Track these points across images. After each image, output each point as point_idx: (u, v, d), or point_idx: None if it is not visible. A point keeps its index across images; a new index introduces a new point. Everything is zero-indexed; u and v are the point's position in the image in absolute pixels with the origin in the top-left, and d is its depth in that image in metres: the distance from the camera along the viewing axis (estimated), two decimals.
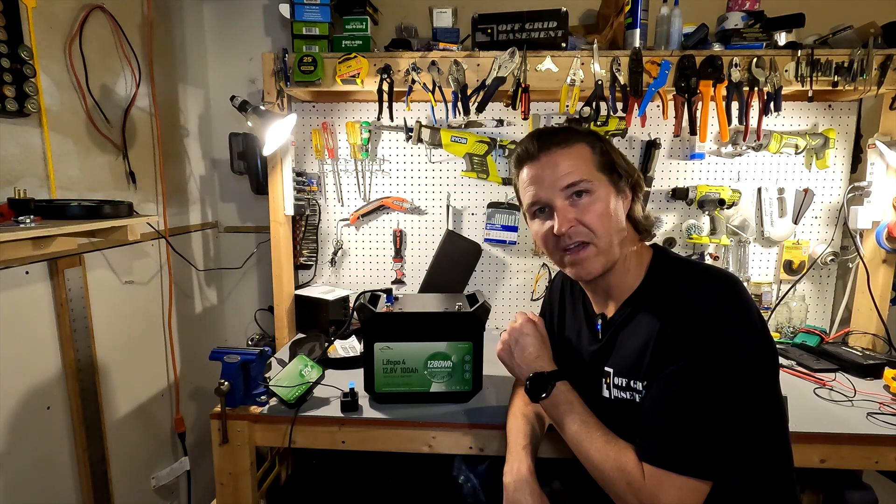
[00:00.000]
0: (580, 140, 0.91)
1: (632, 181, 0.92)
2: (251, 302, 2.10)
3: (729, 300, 0.78)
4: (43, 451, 1.28)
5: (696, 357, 0.76)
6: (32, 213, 1.07)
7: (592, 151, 0.90)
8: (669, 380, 0.78)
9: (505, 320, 1.96)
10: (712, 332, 0.76)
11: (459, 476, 1.31)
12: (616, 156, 0.92)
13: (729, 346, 0.76)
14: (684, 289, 0.82)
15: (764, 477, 0.83)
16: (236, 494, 1.27)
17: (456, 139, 1.76)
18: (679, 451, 0.76)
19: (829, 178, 1.79)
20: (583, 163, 0.89)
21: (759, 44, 1.55)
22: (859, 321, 1.72)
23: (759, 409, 0.79)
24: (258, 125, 1.56)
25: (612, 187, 0.89)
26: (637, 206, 0.92)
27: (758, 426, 0.79)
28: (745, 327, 0.77)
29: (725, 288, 0.80)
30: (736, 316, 0.77)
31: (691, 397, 0.76)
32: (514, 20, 1.54)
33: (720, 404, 0.75)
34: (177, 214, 1.82)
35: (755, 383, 0.77)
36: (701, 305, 0.78)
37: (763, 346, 0.78)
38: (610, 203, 0.88)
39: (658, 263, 0.91)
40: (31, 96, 1.17)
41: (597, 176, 0.89)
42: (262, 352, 1.27)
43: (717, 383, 0.75)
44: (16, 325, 1.20)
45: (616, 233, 0.89)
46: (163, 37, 1.73)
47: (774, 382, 0.83)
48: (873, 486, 1.38)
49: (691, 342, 0.77)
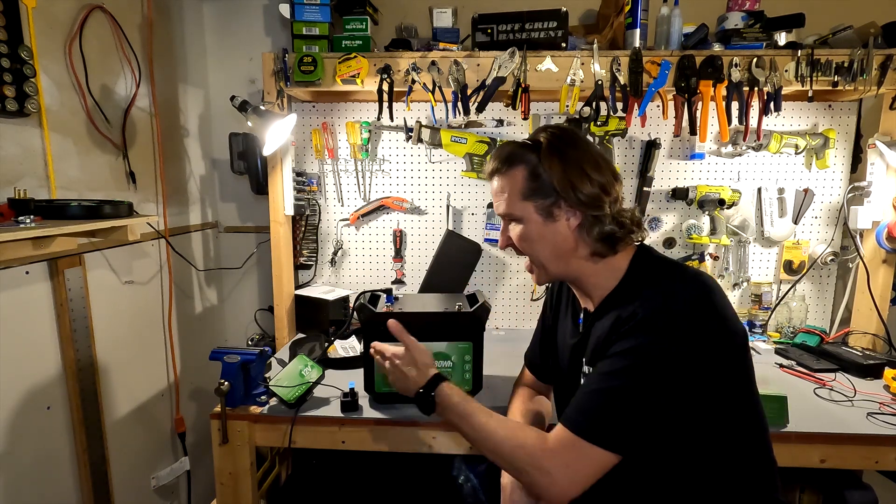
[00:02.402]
0: (520, 163, 0.93)
1: (577, 201, 0.88)
2: (251, 302, 2.10)
3: (674, 303, 0.82)
4: (43, 451, 1.28)
5: (624, 351, 0.81)
6: (32, 213, 1.07)
7: (526, 177, 0.92)
8: (602, 364, 0.85)
9: (505, 320, 1.96)
10: (647, 327, 0.81)
11: (459, 476, 1.31)
12: (557, 175, 0.88)
13: (650, 345, 0.80)
14: (645, 292, 0.86)
15: (728, 475, 0.85)
16: (236, 494, 1.27)
17: (456, 139, 1.76)
18: (588, 420, 0.81)
19: (829, 178, 1.79)
20: (512, 191, 0.93)
21: (759, 44, 1.55)
22: (859, 321, 1.72)
23: (687, 405, 0.81)
24: (258, 125, 1.56)
25: (539, 214, 0.91)
26: (600, 220, 0.89)
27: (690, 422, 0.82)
28: (671, 332, 0.80)
29: (674, 294, 0.83)
30: (664, 322, 0.80)
31: (612, 381, 0.81)
32: (514, 20, 1.54)
33: (631, 389, 0.80)
34: (177, 214, 1.82)
35: (672, 382, 0.79)
36: (644, 308, 0.82)
37: (687, 351, 0.79)
38: (535, 230, 0.92)
39: (636, 265, 0.92)
40: (31, 96, 1.17)
41: (521, 206, 0.93)
42: (262, 352, 1.27)
43: (633, 375, 0.80)
44: (16, 325, 1.20)
45: (547, 254, 0.93)
46: (163, 37, 1.73)
47: (721, 384, 0.82)
48: (873, 486, 1.38)
49: (624, 338, 0.82)
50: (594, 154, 0.92)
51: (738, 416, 0.85)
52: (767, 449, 0.89)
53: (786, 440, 1.16)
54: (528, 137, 0.97)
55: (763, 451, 0.88)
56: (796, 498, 1.45)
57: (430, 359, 1.02)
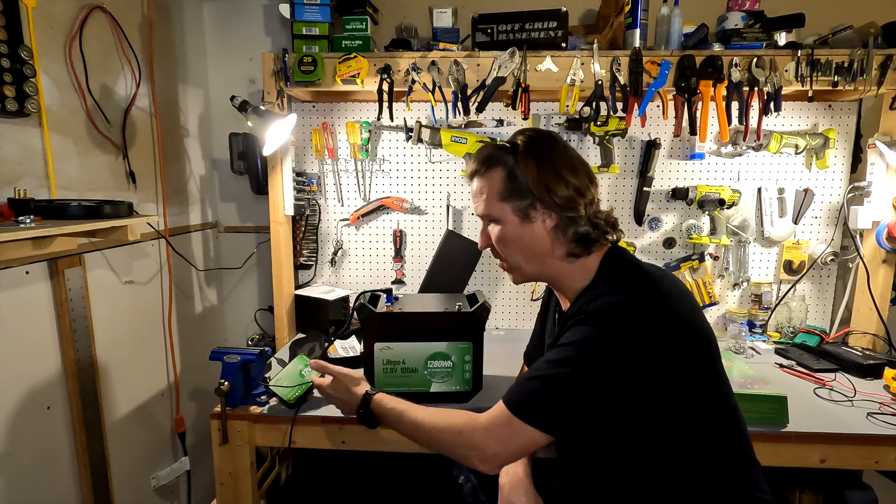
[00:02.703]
0: (498, 164, 0.95)
1: (552, 202, 0.91)
2: (251, 302, 2.10)
3: (620, 296, 0.85)
4: (43, 451, 1.28)
5: (573, 337, 0.85)
6: (32, 213, 1.07)
7: (504, 178, 0.94)
8: (548, 353, 0.89)
9: (505, 320, 1.96)
10: (592, 318, 0.84)
11: (459, 476, 1.31)
12: (533, 177, 0.91)
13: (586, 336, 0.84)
14: (604, 287, 0.89)
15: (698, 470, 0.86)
16: (236, 494, 1.27)
17: (456, 139, 1.76)
18: (525, 400, 0.86)
19: (829, 178, 1.79)
20: (490, 192, 0.96)
21: (759, 44, 1.55)
22: (859, 321, 1.72)
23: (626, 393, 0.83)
24: (258, 125, 1.56)
25: (515, 216, 0.94)
26: (575, 221, 0.92)
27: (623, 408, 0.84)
28: (607, 326, 0.83)
29: (628, 288, 0.87)
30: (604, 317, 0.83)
31: (553, 366, 0.85)
32: (514, 20, 1.54)
33: (569, 375, 0.83)
34: (177, 214, 1.82)
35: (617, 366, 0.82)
36: (599, 298, 0.86)
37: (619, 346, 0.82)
38: (512, 230, 0.95)
39: (605, 266, 0.94)
40: (31, 96, 1.17)
41: (499, 207, 0.95)
42: (262, 352, 1.27)
43: (566, 362, 0.84)
44: (16, 325, 1.20)
45: (524, 255, 0.96)
46: (163, 37, 1.73)
47: (674, 374, 0.84)
48: (873, 486, 1.38)
49: (576, 324, 0.86)
50: (570, 157, 0.95)
51: (705, 415, 0.86)
52: (742, 447, 0.89)
53: (786, 440, 1.17)
54: (507, 140, 1.00)
55: (737, 449, 0.88)
56: (796, 498, 1.45)
57: (358, 379, 1.10)
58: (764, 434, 1.16)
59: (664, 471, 0.86)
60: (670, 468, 0.86)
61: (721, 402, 0.88)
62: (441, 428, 0.94)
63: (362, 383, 1.10)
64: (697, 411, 0.85)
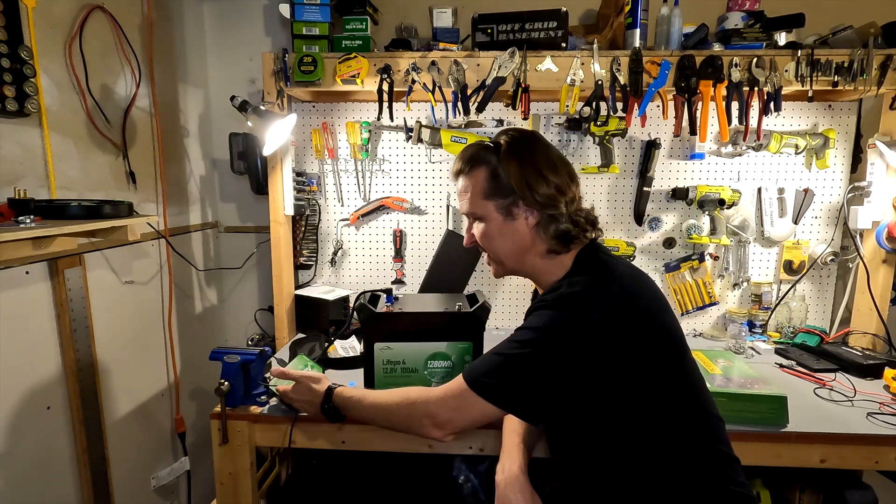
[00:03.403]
0: (482, 164, 0.99)
1: (533, 200, 0.94)
2: (251, 302, 2.10)
3: (581, 285, 0.89)
4: (43, 451, 1.28)
5: (530, 323, 0.91)
6: (32, 213, 1.07)
7: (487, 177, 0.98)
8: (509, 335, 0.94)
9: (505, 320, 1.96)
10: (551, 304, 0.89)
11: (459, 476, 1.31)
12: (514, 176, 0.95)
13: (541, 319, 0.88)
14: (567, 280, 0.94)
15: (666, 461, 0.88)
16: (236, 494, 1.27)
17: (456, 139, 1.76)
18: (481, 375, 0.91)
19: (829, 178, 1.79)
20: (474, 191, 1.00)
21: (759, 44, 1.55)
22: (859, 321, 1.72)
23: (579, 375, 0.86)
24: (258, 125, 1.56)
25: (499, 213, 0.98)
26: (556, 218, 0.95)
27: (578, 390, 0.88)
28: (563, 311, 0.87)
29: (589, 277, 0.91)
30: (562, 302, 0.88)
31: (503, 346, 0.92)
32: (514, 20, 1.54)
33: (523, 355, 0.88)
34: (177, 214, 1.82)
35: (564, 357, 0.86)
36: (559, 289, 0.90)
37: (574, 329, 0.85)
38: (496, 227, 0.99)
39: (578, 262, 0.98)
40: (31, 96, 1.17)
41: (481, 205, 0.99)
42: (262, 352, 1.27)
43: (522, 342, 0.89)
44: (16, 325, 1.20)
45: (506, 251, 1.01)
46: (163, 37, 1.73)
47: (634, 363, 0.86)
48: (873, 486, 1.38)
49: (535, 309, 0.91)
50: (551, 156, 0.98)
51: (669, 408, 0.87)
52: (717, 442, 0.90)
53: (786, 440, 1.16)
54: (491, 139, 1.02)
55: (709, 443, 0.89)
56: (796, 498, 1.45)
57: (319, 378, 1.15)
58: (764, 434, 1.16)
59: (637, 464, 0.88)
60: (641, 461, 0.87)
61: (689, 395, 0.90)
62: (397, 402, 0.99)
63: (324, 381, 1.14)
64: (660, 404, 0.87)
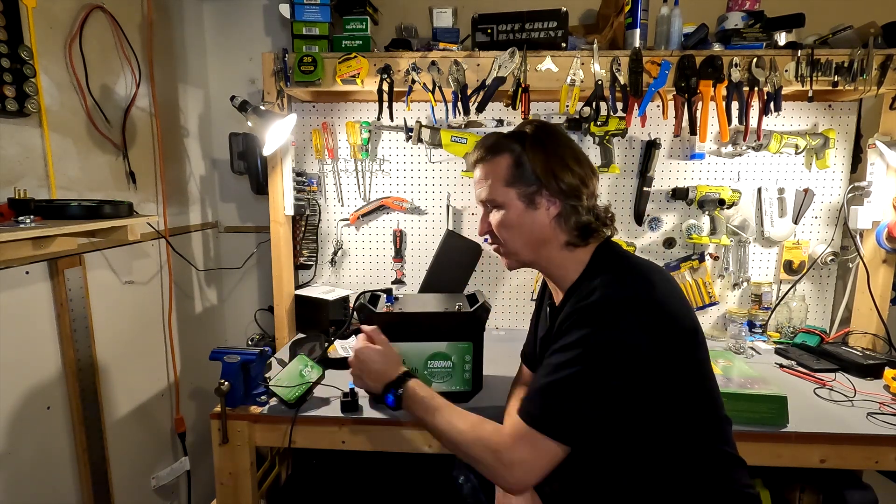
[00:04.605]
0: (505, 150, 0.97)
1: (558, 189, 0.93)
2: (251, 302, 2.10)
3: (614, 292, 0.85)
4: (43, 451, 1.28)
5: (572, 338, 0.84)
6: (32, 213, 1.07)
7: (511, 164, 0.96)
8: (551, 355, 0.87)
9: (505, 320, 1.96)
10: (587, 318, 0.84)
11: (459, 476, 1.31)
12: (540, 164, 0.93)
13: (598, 331, 0.83)
14: (594, 280, 0.89)
15: (678, 462, 0.87)
16: (236, 494, 1.27)
17: (456, 139, 1.76)
18: (538, 408, 0.85)
19: (829, 178, 1.79)
20: (495, 178, 0.97)
21: (759, 44, 1.55)
22: (859, 321, 1.72)
23: (636, 392, 0.83)
24: (258, 125, 1.56)
25: (520, 201, 0.95)
26: (578, 210, 0.94)
27: (640, 409, 0.84)
28: (619, 317, 0.83)
29: (620, 281, 0.87)
30: (612, 306, 0.84)
31: (561, 369, 0.84)
32: (514, 20, 1.54)
33: (581, 379, 0.82)
34: (177, 214, 1.82)
35: (623, 368, 0.82)
36: (591, 295, 0.86)
37: (636, 336, 0.82)
38: (516, 216, 0.96)
39: (595, 258, 0.96)
40: (31, 96, 1.17)
41: (503, 192, 0.96)
42: (262, 352, 1.27)
43: (582, 362, 0.82)
44: (16, 325, 1.20)
45: (524, 241, 0.97)
46: (163, 37, 1.73)
47: (670, 372, 0.85)
48: (873, 486, 1.38)
49: (572, 325, 0.86)
50: (575, 148, 0.98)
51: (689, 409, 0.87)
52: (726, 442, 0.90)
53: (786, 440, 1.17)
54: (512, 130, 1.01)
55: (720, 443, 0.89)
56: (796, 498, 1.45)
57: (400, 360, 1.10)
58: (764, 434, 1.16)
59: (643, 465, 0.87)
60: (647, 462, 0.87)
61: (704, 396, 0.90)
62: (473, 437, 0.91)
63: (402, 365, 1.10)
64: (683, 405, 0.87)
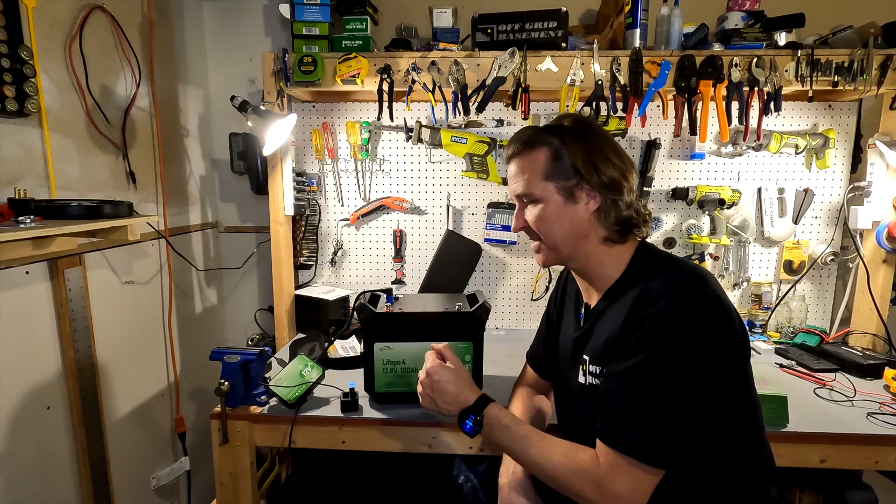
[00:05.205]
0: (543, 144, 0.94)
1: (599, 183, 0.90)
2: (251, 302, 2.10)
3: (686, 295, 0.81)
4: (43, 451, 1.28)
5: (653, 349, 0.80)
6: (32, 213, 1.07)
7: (549, 157, 0.93)
8: (629, 369, 0.81)
9: (505, 320, 1.96)
10: (667, 326, 0.80)
11: (459, 476, 1.31)
12: (581, 157, 0.90)
13: (682, 339, 0.79)
14: (652, 282, 0.85)
15: (723, 468, 0.85)
16: (236, 494, 1.27)
17: (456, 139, 1.76)
18: (634, 437, 0.79)
19: (829, 178, 1.79)
20: (532, 172, 0.94)
21: (759, 44, 1.55)
22: (859, 321, 1.72)
23: (714, 401, 0.81)
24: (258, 125, 1.56)
25: (560, 195, 0.92)
26: (618, 205, 0.91)
27: (712, 419, 0.81)
28: (700, 322, 0.79)
29: (687, 284, 0.83)
30: (690, 311, 0.80)
31: (649, 387, 0.80)
32: (514, 20, 1.54)
33: (673, 396, 0.79)
34: (177, 214, 1.82)
35: (710, 377, 0.79)
36: (661, 299, 0.81)
37: (718, 341, 0.80)
38: (554, 210, 0.93)
39: (639, 258, 0.93)
40: (31, 96, 1.17)
41: (541, 186, 0.93)
42: (262, 352, 1.27)
43: (671, 376, 0.78)
44: (16, 325, 1.20)
45: (563, 235, 0.94)
46: (163, 37, 1.73)
47: (736, 376, 0.84)
48: (873, 486, 1.38)
49: (648, 334, 0.80)
50: (614, 142, 0.95)
51: (736, 409, 0.86)
52: (762, 447, 0.89)
53: (786, 440, 1.16)
54: (548, 124, 0.99)
55: (757, 448, 0.88)
56: (796, 498, 1.45)
57: (472, 380, 1.01)
58: None
59: (690, 469, 0.84)
60: (697, 466, 0.84)
61: (748, 393, 0.88)
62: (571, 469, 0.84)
63: (475, 387, 1.00)
64: (733, 403, 0.85)
